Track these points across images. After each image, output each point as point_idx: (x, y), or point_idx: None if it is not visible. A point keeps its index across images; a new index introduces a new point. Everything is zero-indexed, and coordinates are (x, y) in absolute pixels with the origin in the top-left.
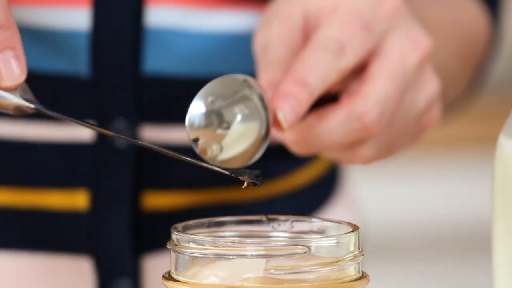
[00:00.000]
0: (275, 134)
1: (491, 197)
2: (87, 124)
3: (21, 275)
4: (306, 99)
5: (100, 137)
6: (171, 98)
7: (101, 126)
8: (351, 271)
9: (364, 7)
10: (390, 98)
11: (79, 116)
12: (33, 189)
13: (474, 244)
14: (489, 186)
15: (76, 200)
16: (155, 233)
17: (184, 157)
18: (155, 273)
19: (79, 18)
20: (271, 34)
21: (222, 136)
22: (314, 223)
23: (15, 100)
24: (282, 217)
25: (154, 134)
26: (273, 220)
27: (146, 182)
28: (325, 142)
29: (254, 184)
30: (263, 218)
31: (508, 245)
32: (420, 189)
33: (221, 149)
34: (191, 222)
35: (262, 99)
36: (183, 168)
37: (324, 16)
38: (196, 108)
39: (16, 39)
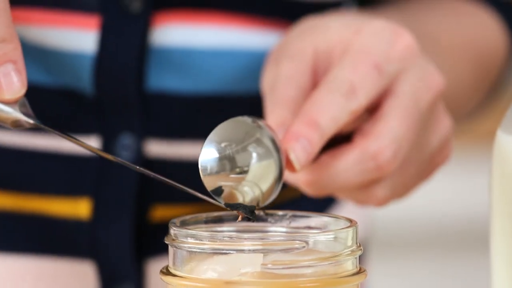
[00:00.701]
0: (288, 176)
1: (489, 192)
2: (85, 145)
3: (23, 278)
4: (318, 140)
5: (105, 149)
6: (177, 115)
7: (107, 141)
8: (349, 265)
9: (376, 48)
10: (405, 137)
11: (85, 130)
12: (36, 196)
13: (472, 239)
14: (487, 181)
15: (79, 208)
16: (158, 239)
17: (181, 186)
18: (158, 278)
19: (86, 41)
20: (279, 73)
21: (240, 180)
22: (311, 218)
23: (14, 114)
24: (280, 212)
25: (161, 150)
26: (271, 215)
27: (151, 195)
28: (339, 182)
29: (249, 219)
30: (261, 213)
31: (506, 240)
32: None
33: (241, 193)
34: (188, 217)
35: (273, 140)
36: (189, 183)
37: (335, 55)
38: (209, 154)
39: (17, 53)
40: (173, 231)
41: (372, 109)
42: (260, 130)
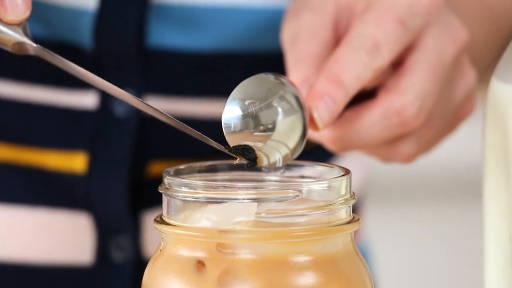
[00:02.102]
0: (311, 133)
1: (483, 140)
2: (90, 76)
3: (19, 229)
4: (342, 98)
5: (103, 105)
6: (178, 72)
7: (105, 96)
8: (342, 214)
9: (401, 3)
10: (429, 92)
11: (83, 85)
12: (33, 148)
13: (465, 187)
14: (481, 129)
15: (75, 162)
16: (155, 192)
17: (189, 128)
18: (155, 229)
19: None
20: (300, 27)
21: (264, 138)
22: (305, 167)
23: (17, 36)
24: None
25: (160, 107)
26: (251, 165)
27: (148, 150)
28: (363, 139)
29: (246, 165)
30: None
31: (499, 188)
32: None
33: (269, 151)
34: (182, 167)
35: (297, 97)
36: (188, 139)
37: (358, 9)
38: (232, 112)
39: None
40: (167, 180)
41: (396, 64)
42: (283, 87)
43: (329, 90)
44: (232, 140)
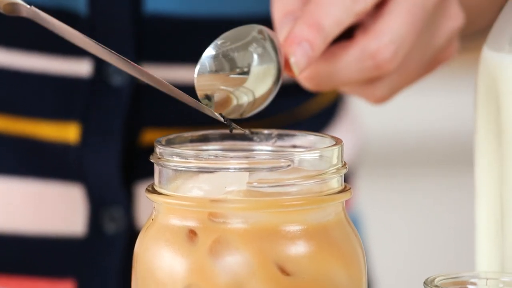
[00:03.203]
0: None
1: (474, 108)
2: (85, 39)
3: (11, 199)
4: (320, 44)
5: (97, 73)
6: (172, 38)
7: (99, 63)
8: (334, 184)
9: None
10: (406, 36)
11: (77, 52)
12: (25, 118)
13: (456, 156)
14: (472, 97)
15: (67, 132)
16: (148, 163)
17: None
18: (148, 200)
19: None
20: None
21: (237, 81)
22: (297, 137)
23: None
24: (266, 131)
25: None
26: (256, 133)
27: (141, 119)
28: (337, 79)
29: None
30: (246, 131)
31: (489, 156)
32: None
33: (240, 95)
34: (174, 136)
35: (272, 42)
36: (183, 108)
37: None
38: (207, 52)
39: None
40: (158, 149)
41: (379, 4)
42: (262, 34)
43: (307, 34)
44: (203, 82)
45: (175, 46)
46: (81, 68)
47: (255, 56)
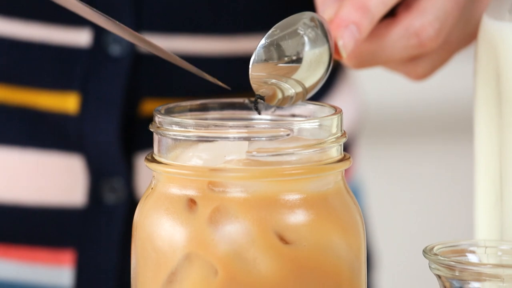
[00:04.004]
0: None
1: (474, 77)
2: (84, 7)
3: (11, 170)
4: (367, 25)
5: (96, 43)
6: (173, 8)
7: (98, 34)
8: (333, 153)
9: None
10: (450, 13)
11: (76, 22)
12: (24, 88)
13: (456, 124)
14: (472, 65)
15: (67, 102)
16: (148, 133)
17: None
18: (148, 171)
19: None
20: None
21: (292, 69)
22: (297, 106)
23: None
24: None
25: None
26: (262, 108)
27: (141, 89)
28: (381, 57)
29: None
30: (245, 100)
31: (489, 125)
32: None
33: (292, 84)
34: (173, 105)
35: (323, 27)
36: (183, 77)
37: None
38: (260, 43)
39: None
40: (157, 118)
41: None
42: (312, 19)
43: (354, 17)
44: (256, 72)
45: (175, 15)
46: (80, 37)
47: (308, 43)
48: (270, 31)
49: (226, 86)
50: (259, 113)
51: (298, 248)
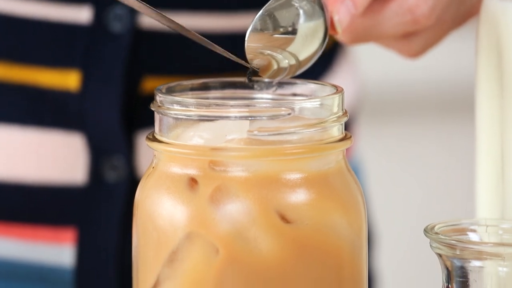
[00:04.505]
0: None
1: (475, 55)
2: None
3: (12, 148)
4: (363, 1)
5: (97, 20)
6: None
7: (98, 10)
8: (334, 132)
9: None
10: None
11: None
12: (24, 65)
13: (458, 103)
14: (474, 44)
15: (68, 79)
16: (149, 111)
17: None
18: (149, 149)
19: None
20: None
21: (287, 41)
22: (298, 85)
23: None
24: (266, 79)
25: (155, 21)
26: (257, 82)
27: (142, 66)
28: (375, 33)
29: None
30: (247, 80)
31: (491, 103)
32: None
33: (286, 56)
34: (173, 84)
35: (320, 1)
36: (184, 54)
37: None
38: (258, 14)
39: None
40: (159, 97)
41: None
42: None
43: None
44: (252, 42)
45: None
46: (81, 14)
47: (303, 16)
48: (268, 3)
49: (243, 61)
50: (253, 86)
51: (299, 227)
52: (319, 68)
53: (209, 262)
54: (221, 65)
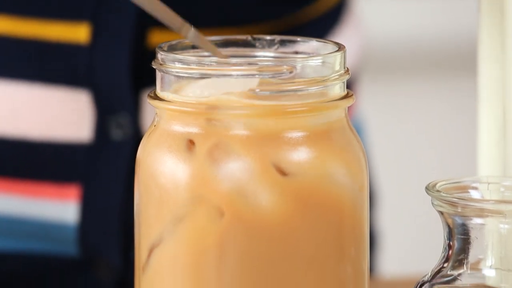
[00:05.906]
0: None
1: (477, 12)
2: None
3: (17, 104)
4: None
5: (97, 7)
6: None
7: None
8: (336, 90)
9: None
10: None
11: None
12: (33, 18)
13: (460, 61)
14: (476, 1)
15: (77, 32)
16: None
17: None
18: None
19: None
20: None
21: None
22: (299, 43)
23: None
24: (268, 37)
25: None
26: (258, 39)
27: (151, 19)
28: None
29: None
30: (248, 37)
31: (493, 60)
32: (408, 6)
33: None
34: (175, 42)
35: None
36: (189, 7)
37: None
38: None
39: None
40: (160, 55)
41: None
42: None
43: None
44: None
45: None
46: None
47: None
48: None
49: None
50: (255, 44)
51: (300, 181)
52: (323, 25)
53: (212, 221)
54: (224, 21)
